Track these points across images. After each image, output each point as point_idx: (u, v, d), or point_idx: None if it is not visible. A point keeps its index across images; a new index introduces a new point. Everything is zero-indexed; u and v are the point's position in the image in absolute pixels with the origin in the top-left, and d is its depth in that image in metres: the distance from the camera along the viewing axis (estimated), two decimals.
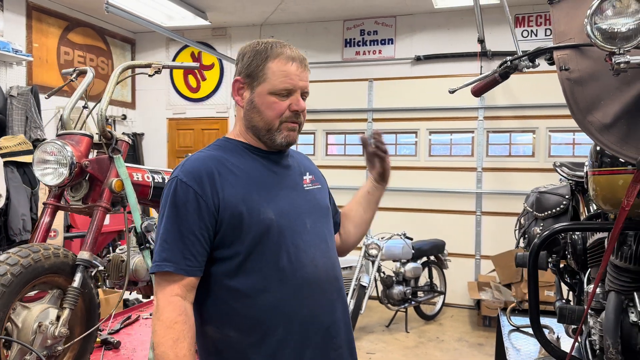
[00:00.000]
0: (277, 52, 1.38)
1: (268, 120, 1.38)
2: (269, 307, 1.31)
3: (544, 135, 6.33)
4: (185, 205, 1.28)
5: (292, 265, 1.34)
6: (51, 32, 6.57)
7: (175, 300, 1.26)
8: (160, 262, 1.28)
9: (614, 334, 1.64)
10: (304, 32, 7.20)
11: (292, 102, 1.39)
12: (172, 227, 1.28)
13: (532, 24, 6.39)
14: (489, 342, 5.14)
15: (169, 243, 1.28)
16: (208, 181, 1.30)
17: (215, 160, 1.35)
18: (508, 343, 2.76)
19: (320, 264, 1.40)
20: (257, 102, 1.38)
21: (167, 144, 8.11)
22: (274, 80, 1.37)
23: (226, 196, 1.30)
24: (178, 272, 1.26)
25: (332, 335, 1.40)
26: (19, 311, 1.71)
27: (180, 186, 1.30)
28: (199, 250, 1.28)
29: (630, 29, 1.32)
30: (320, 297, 1.39)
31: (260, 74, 1.37)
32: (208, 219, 1.29)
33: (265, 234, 1.32)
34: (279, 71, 1.37)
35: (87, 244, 1.87)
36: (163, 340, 1.23)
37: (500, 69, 1.83)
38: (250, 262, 1.31)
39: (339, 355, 1.42)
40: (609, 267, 1.71)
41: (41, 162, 1.89)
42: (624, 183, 1.49)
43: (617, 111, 1.43)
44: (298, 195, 1.45)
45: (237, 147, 1.42)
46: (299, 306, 1.34)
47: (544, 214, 2.53)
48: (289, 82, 1.37)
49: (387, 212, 6.86)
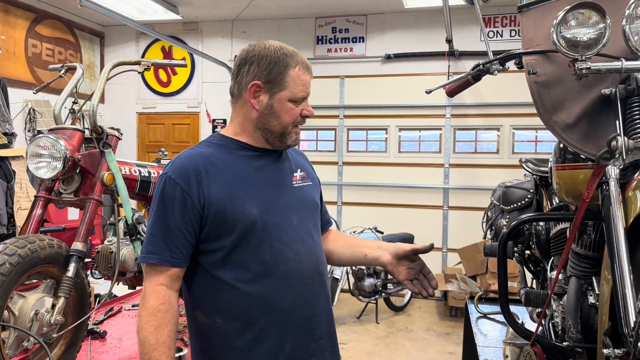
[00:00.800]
0: (297, 60, 1.47)
1: (285, 125, 1.47)
2: (252, 298, 1.39)
3: (508, 132, 6.58)
4: (172, 201, 1.37)
5: (275, 259, 1.41)
6: (19, 24, 6.45)
7: (160, 289, 1.35)
8: (146, 254, 1.37)
9: (574, 315, 1.80)
10: (276, 28, 7.27)
11: (304, 108, 1.49)
12: (159, 221, 1.38)
13: (497, 25, 6.62)
14: (456, 331, 5.35)
15: (155, 236, 1.37)
16: (195, 179, 1.38)
17: (204, 158, 1.43)
18: (476, 329, 2.93)
19: (304, 259, 1.47)
20: (277, 108, 1.45)
21: (137, 139, 8.05)
22: (294, 88, 1.45)
23: (212, 193, 1.38)
24: (163, 263, 1.36)
25: (313, 327, 1.47)
26: (16, 300, 1.76)
27: (169, 183, 1.38)
28: (184, 244, 1.37)
29: (591, 39, 1.47)
30: (303, 290, 1.46)
31: (283, 81, 1.44)
32: (193, 215, 1.37)
33: (249, 229, 1.39)
34: (298, 80, 1.46)
35: (80, 235, 1.93)
36: (146, 326, 1.33)
37: (473, 72, 1.97)
38: (235, 256, 1.39)
39: (319, 347, 1.49)
40: (571, 255, 1.86)
41: (35, 156, 1.93)
42: (584, 177, 1.63)
43: (579, 112, 1.59)
44: (285, 192, 1.51)
45: (230, 144, 1.49)
46: (281, 298, 1.41)
47: (510, 206, 2.69)
48: (306, 91, 1.49)
49: (358, 206, 7.02)
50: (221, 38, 7.59)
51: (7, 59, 6.27)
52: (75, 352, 2.00)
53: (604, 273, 1.53)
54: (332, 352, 1.54)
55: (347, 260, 1.72)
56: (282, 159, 1.57)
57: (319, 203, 1.66)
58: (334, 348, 1.55)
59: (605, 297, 1.50)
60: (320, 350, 1.49)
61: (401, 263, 1.61)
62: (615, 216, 1.39)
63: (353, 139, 7.19)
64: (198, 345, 1.46)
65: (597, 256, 1.75)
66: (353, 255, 1.70)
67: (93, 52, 7.87)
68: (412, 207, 6.81)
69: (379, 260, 1.63)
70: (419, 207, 6.82)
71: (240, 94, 1.50)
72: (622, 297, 1.29)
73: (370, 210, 6.92)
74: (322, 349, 1.50)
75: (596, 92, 1.59)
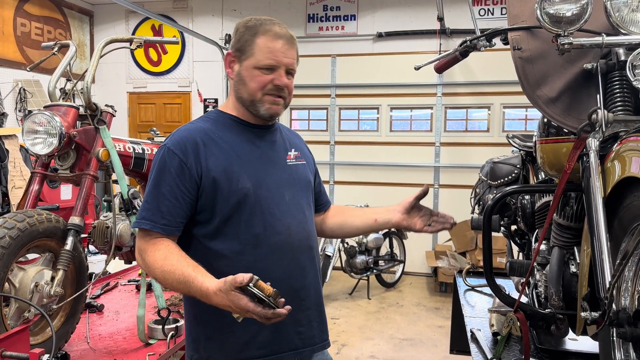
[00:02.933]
0: (266, 29, 1.47)
1: (251, 92, 1.48)
2: (243, 267, 1.40)
3: (499, 111, 6.64)
4: (170, 171, 1.42)
5: (266, 232, 1.47)
6: (6, 2, 6.38)
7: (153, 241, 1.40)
8: (139, 220, 1.42)
9: (556, 283, 1.87)
10: (267, 6, 7.23)
11: (275, 77, 1.47)
12: (155, 189, 1.43)
13: (488, 3, 6.63)
14: (445, 306, 5.46)
15: (149, 203, 1.43)
16: (192, 151, 1.43)
17: (202, 132, 1.48)
18: (464, 301, 3.01)
19: (294, 233, 1.52)
20: (243, 75, 1.48)
21: (128, 118, 8.03)
22: (259, 55, 1.46)
23: (209, 165, 1.43)
24: (155, 229, 1.40)
25: (301, 297, 1.53)
26: (16, 272, 1.81)
27: (167, 153, 1.43)
28: (178, 212, 1.42)
29: (574, 14, 1.51)
30: (292, 262, 1.51)
31: (249, 49, 1.47)
32: (190, 185, 1.42)
33: (242, 202, 1.45)
34: (265, 47, 1.46)
35: (77, 210, 1.97)
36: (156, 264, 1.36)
37: (461, 48, 2.01)
38: (228, 227, 1.45)
39: (307, 317, 1.55)
40: (554, 226, 1.93)
41: (31, 132, 1.96)
42: (567, 150, 1.69)
43: (561, 86, 1.64)
44: (279, 169, 1.56)
45: (226, 120, 1.55)
46: (271, 269, 1.46)
47: (497, 182, 2.75)
48: (273, 59, 1.46)
49: (350, 185, 7.09)
50: (211, 16, 7.54)
51: None
52: (74, 323, 2.05)
53: (584, 242, 1.60)
54: (319, 322, 1.60)
55: (358, 228, 1.77)
56: (277, 138, 1.62)
57: (312, 182, 1.70)
58: (321, 320, 1.61)
59: (585, 265, 1.57)
60: (308, 320, 1.55)
61: (412, 215, 1.69)
62: (594, 186, 1.45)
63: (345, 118, 7.22)
64: (192, 313, 1.52)
65: (579, 227, 1.82)
66: (364, 223, 1.75)
67: (82, 31, 7.81)
68: (403, 186, 6.87)
69: (391, 221, 1.70)
70: (410, 185, 6.89)
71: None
72: (600, 263, 1.36)
73: (362, 189, 6.99)
74: (309, 319, 1.56)
75: (578, 67, 1.64)
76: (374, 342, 4.54)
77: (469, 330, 2.42)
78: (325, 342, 1.62)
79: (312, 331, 1.57)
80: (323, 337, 1.62)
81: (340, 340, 4.56)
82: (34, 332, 1.89)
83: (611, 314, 1.28)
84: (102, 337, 2.22)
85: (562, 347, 2.14)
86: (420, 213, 1.70)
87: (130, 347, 2.11)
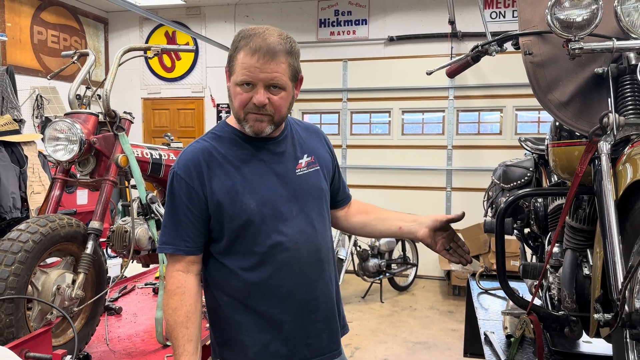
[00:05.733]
0: (244, 43, 1.40)
1: (236, 110, 1.46)
2: (252, 283, 1.49)
3: (511, 113, 6.62)
4: (180, 196, 1.47)
5: (273, 249, 1.47)
6: (24, 11, 6.50)
7: (176, 274, 1.47)
8: (161, 245, 1.49)
9: (570, 286, 1.88)
10: (279, 12, 7.29)
11: (253, 95, 1.41)
12: (171, 214, 1.49)
13: (500, 6, 6.62)
14: (459, 309, 5.46)
15: (168, 228, 1.49)
16: (197, 175, 1.46)
17: (206, 152, 1.49)
18: (477, 304, 3.01)
19: (302, 248, 1.51)
20: (230, 92, 1.46)
21: (142, 124, 8.13)
22: (237, 71, 1.41)
23: (212, 188, 1.46)
24: (177, 252, 1.47)
25: (310, 310, 1.53)
26: (39, 275, 1.86)
27: (176, 178, 1.48)
28: (195, 233, 1.47)
29: (584, 19, 1.53)
30: (300, 277, 1.51)
31: (233, 64, 1.43)
32: (199, 206, 1.47)
33: (247, 222, 1.47)
34: (241, 63, 1.40)
35: (97, 215, 2.03)
36: (166, 309, 1.48)
37: (472, 53, 2.03)
38: (236, 246, 1.49)
39: (316, 329, 1.56)
40: (566, 228, 1.94)
41: (53, 139, 2.01)
42: (579, 154, 1.70)
43: (572, 90, 1.65)
44: (286, 183, 1.53)
45: (232, 135, 1.54)
46: (280, 285, 1.49)
47: (510, 185, 2.76)
48: (247, 75, 1.39)
49: (362, 189, 7.10)
50: (224, 22, 7.62)
51: (13, 46, 6.34)
52: (94, 325, 2.10)
53: (597, 245, 1.61)
54: (329, 333, 1.59)
55: (381, 232, 1.77)
56: (286, 147, 1.58)
57: (327, 187, 1.66)
58: (331, 330, 1.60)
59: (597, 267, 1.58)
60: (317, 332, 1.56)
61: (437, 234, 1.67)
62: (606, 189, 1.46)
63: (356, 122, 7.24)
64: (210, 318, 1.59)
65: (591, 229, 1.83)
66: (388, 229, 1.74)
67: (97, 38, 7.92)
68: (415, 189, 6.88)
69: (416, 234, 1.68)
70: (423, 188, 6.90)
71: None
72: (612, 265, 1.37)
73: (374, 193, 7.00)
74: (319, 331, 1.56)
75: (589, 71, 1.65)
76: (387, 346, 4.55)
77: (482, 333, 2.43)
78: (335, 352, 1.61)
79: (321, 342, 1.57)
80: (333, 347, 1.61)
81: (354, 343, 4.58)
82: (56, 334, 1.94)
83: (624, 316, 1.29)
84: (121, 339, 2.27)
85: (576, 350, 2.15)
86: (444, 234, 1.68)
87: (149, 348, 2.15)
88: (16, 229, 1.78)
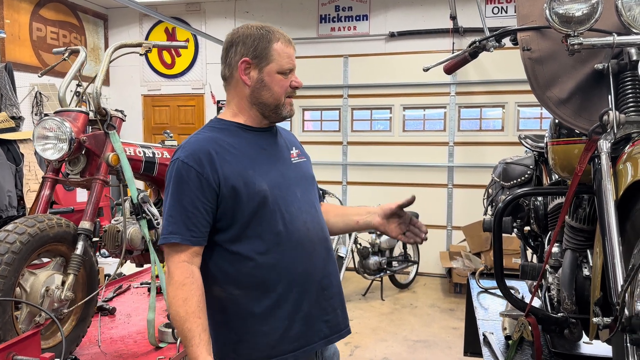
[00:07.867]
0: (278, 35, 1.57)
1: (277, 96, 1.56)
2: (268, 267, 1.49)
3: (513, 109, 6.56)
4: (187, 183, 1.45)
5: (287, 229, 1.52)
6: (23, 7, 6.47)
7: (183, 265, 1.44)
8: (167, 235, 1.45)
9: (569, 286, 1.84)
10: (279, 7, 7.24)
11: (292, 80, 1.58)
12: (177, 203, 1.46)
13: (502, 1, 6.56)
14: (460, 307, 5.41)
15: (173, 217, 1.46)
16: (207, 161, 1.46)
17: (212, 141, 1.51)
18: (477, 303, 2.97)
19: (311, 227, 1.59)
20: (267, 81, 1.55)
21: (142, 121, 8.10)
22: (280, 60, 1.55)
23: (225, 172, 1.47)
24: (184, 242, 1.44)
25: (324, 287, 1.59)
26: (27, 277, 1.83)
27: (182, 167, 1.46)
28: (202, 222, 1.45)
29: (584, 14, 1.48)
30: (313, 255, 1.57)
31: (269, 55, 1.54)
32: (209, 194, 1.45)
33: (262, 203, 1.49)
34: (283, 52, 1.55)
35: (87, 214, 1.99)
36: (174, 301, 1.42)
37: (470, 49, 1.98)
38: (250, 229, 1.49)
39: (331, 305, 1.61)
40: (566, 228, 1.90)
41: (42, 138, 1.98)
42: (578, 152, 1.66)
43: (572, 87, 1.61)
44: (287, 168, 1.62)
45: (230, 127, 1.58)
46: (295, 265, 1.52)
47: (510, 183, 2.72)
48: (292, 63, 1.58)
49: (363, 186, 7.07)
50: (224, 18, 7.57)
51: (12, 42, 6.31)
52: (85, 327, 2.07)
53: (597, 245, 1.57)
54: (342, 310, 1.66)
55: (340, 229, 1.82)
56: (279, 138, 1.67)
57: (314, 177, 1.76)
58: (343, 307, 1.67)
59: (597, 268, 1.54)
60: (332, 308, 1.62)
61: (391, 221, 1.73)
62: (606, 189, 1.42)
63: (357, 119, 7.19)
64: (220, 320, 1.54)
65: (591, 229, 1.79)
66: (345, 224, 1.80)
67: (97, 34, 7.88)
68: (416, 186, 6.83)
69: (371, 224, 1.75)
70: (424, 185, 6.85)
71: (231, 74, 1.58)
72: (612, 267, 1.33)
73: (375, 190, 6.96)
74: (334, 307, 1.62)
75: (589, 67, 1.61)
76: (387, 344, 4.52)
77: (481, 334, 2.39)
78: (348, 328, 1.68)
79: (337, 318, 1.63)
80: (346, 323, 1.67)
81: (354, 341, 4.55)
82: (45, 336, 1.91)
83: (623, 320, 1.25)
84: (114, 340, 2.24)
85: (576, 351, 2.11)
86: (400, 220, 1.74)
87: (141, 350, 2.12)
88: (4, 229, 1.75)
